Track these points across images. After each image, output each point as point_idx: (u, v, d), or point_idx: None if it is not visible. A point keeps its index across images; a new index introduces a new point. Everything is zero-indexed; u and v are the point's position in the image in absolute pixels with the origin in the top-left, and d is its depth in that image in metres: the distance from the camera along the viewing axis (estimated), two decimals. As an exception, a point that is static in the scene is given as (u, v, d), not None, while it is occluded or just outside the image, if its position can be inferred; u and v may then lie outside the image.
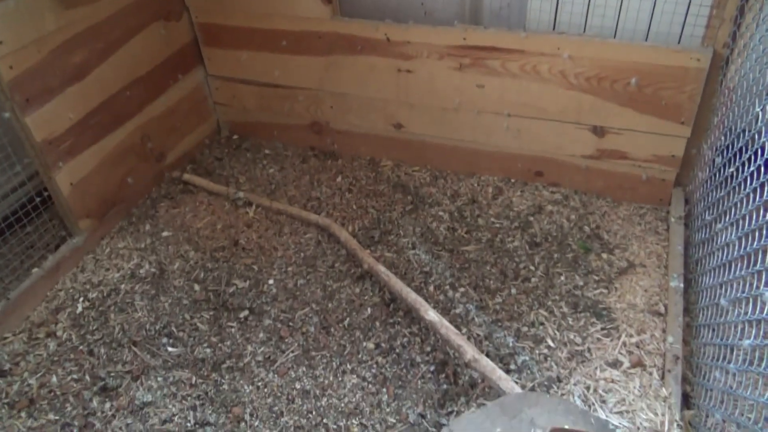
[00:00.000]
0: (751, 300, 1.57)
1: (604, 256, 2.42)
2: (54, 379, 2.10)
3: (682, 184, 2.62)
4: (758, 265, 1.54)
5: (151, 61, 2.81)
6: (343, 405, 1.97)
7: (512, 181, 2.87)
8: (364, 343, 2.15)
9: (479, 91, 2.64)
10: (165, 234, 2.71)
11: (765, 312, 1.47)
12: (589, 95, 2.47)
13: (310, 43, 2.83)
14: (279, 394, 2.01)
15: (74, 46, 2.40)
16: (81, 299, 2.40)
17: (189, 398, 2.02)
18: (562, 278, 2.34)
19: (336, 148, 3.17)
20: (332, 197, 2.85)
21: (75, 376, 2.11)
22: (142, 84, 2.78)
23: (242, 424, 1.93)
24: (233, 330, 2.24)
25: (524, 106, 2.61)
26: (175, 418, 1.96)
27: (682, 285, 2.19)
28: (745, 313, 1.59)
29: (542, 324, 2.17)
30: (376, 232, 2.62)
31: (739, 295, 1.67)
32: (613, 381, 1.96)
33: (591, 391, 1.94)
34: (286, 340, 2.19)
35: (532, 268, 2.40)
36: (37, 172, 2.44)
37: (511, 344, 2.10)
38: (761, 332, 1.50)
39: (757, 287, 1.52)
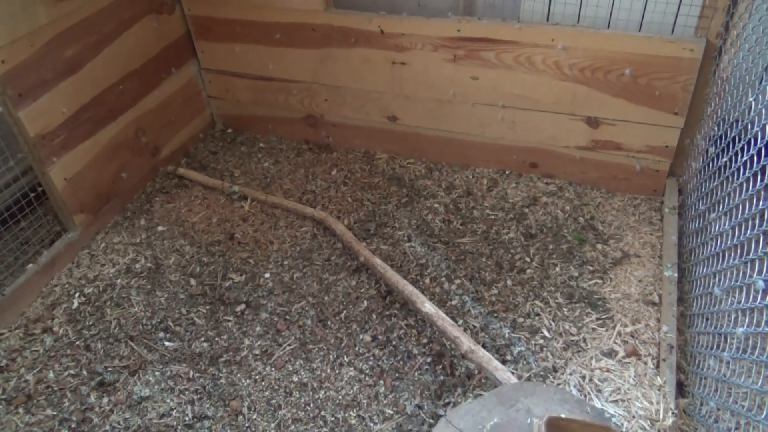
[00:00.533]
0: (744, 288, 1.58)
1: (599, 246, 2.43)
2: (51, 374, 2.10)
3: (676, 174, 2.63)
4: (751, 254, 1.55)
5: (144, 54, 2.80)
6: (340, 397, 1.98)
7: (507, 172, 2.87)
8: (361, 336, 2.16)
9: (473, 83, 2.64)
10: (160, 228, 2.70)
11: (758, 300, 1.49)
12: (583, 86, 2.48)
13: (304, 36, 2.81)
14: (276, 387, 2.02)
15: (67, 40, 2.39)
16: (77, 294, 2.39)
17: (187, 392, 2.02)
18: (558, 269, 2.35)
19: (331, 141, 3.16)
20: (327, 190, 2.85)
21: (72, 372, 2.11)
22: (136, 78, 2.77)
23: (240, 418, 1.94)
24: (230, 324, 2.25)
25: (518, 98, 2.61)
26: (173, 412, 1.97)
27: (676, 275, 2.21)
28: (739, 302, 1.61)
29: (538, 315, 2.18)
30: (371, 225, 2.62)
31: (732, 283, 1.69)
32: (608, 370, 1.97)
33: (587, 380, 1.95)
34: (283, 334, 2.19)
35: (528, 259, 2.41)
36: (30, 167, 2.43)
37: (507, 335, 2.11)
38: (754, 320, 1.52)
39: (750, 276, 1.53)
